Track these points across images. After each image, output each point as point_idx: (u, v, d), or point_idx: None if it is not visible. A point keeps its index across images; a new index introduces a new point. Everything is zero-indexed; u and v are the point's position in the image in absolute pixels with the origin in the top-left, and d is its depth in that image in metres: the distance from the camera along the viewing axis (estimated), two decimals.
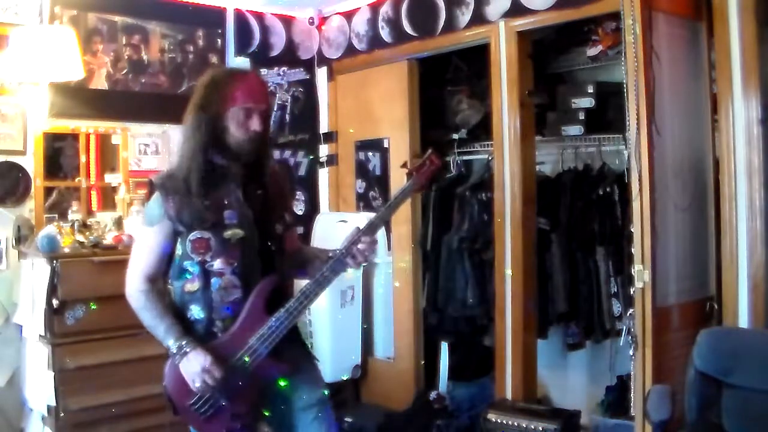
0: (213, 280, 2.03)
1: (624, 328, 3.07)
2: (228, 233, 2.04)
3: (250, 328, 2.03)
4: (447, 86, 4.35)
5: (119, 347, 3.25)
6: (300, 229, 4.19)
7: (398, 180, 4.24)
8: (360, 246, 2.05)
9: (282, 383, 2.10)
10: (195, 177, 2.02)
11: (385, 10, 4.22)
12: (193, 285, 2.05)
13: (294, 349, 2.15)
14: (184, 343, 1.99)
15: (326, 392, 2.21)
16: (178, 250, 2.07)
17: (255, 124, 2.04)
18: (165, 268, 2.12)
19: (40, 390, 3.21)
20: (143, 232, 2.13)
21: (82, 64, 3.53)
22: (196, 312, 2.06)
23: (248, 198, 2.09)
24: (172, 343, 2.00)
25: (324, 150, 4.74)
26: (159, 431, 3.23)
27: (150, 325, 2.06)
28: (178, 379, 2.02)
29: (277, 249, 2.13)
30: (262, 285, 2.05)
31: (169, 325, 2.03)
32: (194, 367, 1.97)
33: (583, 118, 3.66)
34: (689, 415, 2.43)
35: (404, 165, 2.26)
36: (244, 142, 2.05)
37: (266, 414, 2.14)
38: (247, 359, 2.02)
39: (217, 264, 2.03)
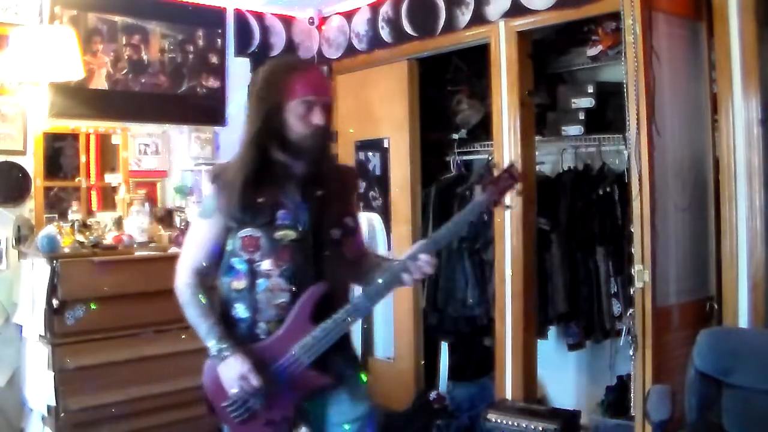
0: (260, 280, 1.96)
1: (624, 328, 3.07)
2: (279, 234, 1.95)
3: (295, 335, 1.93)
4: (447, 86, 4.35)
5: (119, 347, 3.26)
6: None
7: (399, 180, 4.25)
8: (419, 263, 1.93)
9: (322, 395, 2.02)
10: (247, 171, 1.95)
11: (385, 10, 4.22)
12: (240, 283, 1.98)
13: (341, 361, 2.03)
14: (224, 346, 1.93)
15: (368, 409, 2.09)
16: (228, 246, 2.00)
17: (317, 118, 1.95)
18: (216, 263, 2.04)
19: (40, 390, 3.21)
20: (196, 224, 2.08)
21: (82, 64, 3.53)
22: (240, 311, 1.99)
23: (307, 199, 1.99)
24: (213, 345, 1.94)
25: None
26: (159, 431, 3.25)
27: (193, 322, 1.99)
28: (215, 381, 1.97)
29: (332, 254, 2.01)
30: (311, 291, 1.95)
31: (211, 325, 1.96)
32: (232, 372, 1.91)
33: (583, 118, 3.66)
34: (689, 415, 2.44)
35: (486, 178, 2.11)
36: (305, 138, 1.95)
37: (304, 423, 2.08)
38: (287, 368, 1.94)
39: (266, 264, 1.95)
